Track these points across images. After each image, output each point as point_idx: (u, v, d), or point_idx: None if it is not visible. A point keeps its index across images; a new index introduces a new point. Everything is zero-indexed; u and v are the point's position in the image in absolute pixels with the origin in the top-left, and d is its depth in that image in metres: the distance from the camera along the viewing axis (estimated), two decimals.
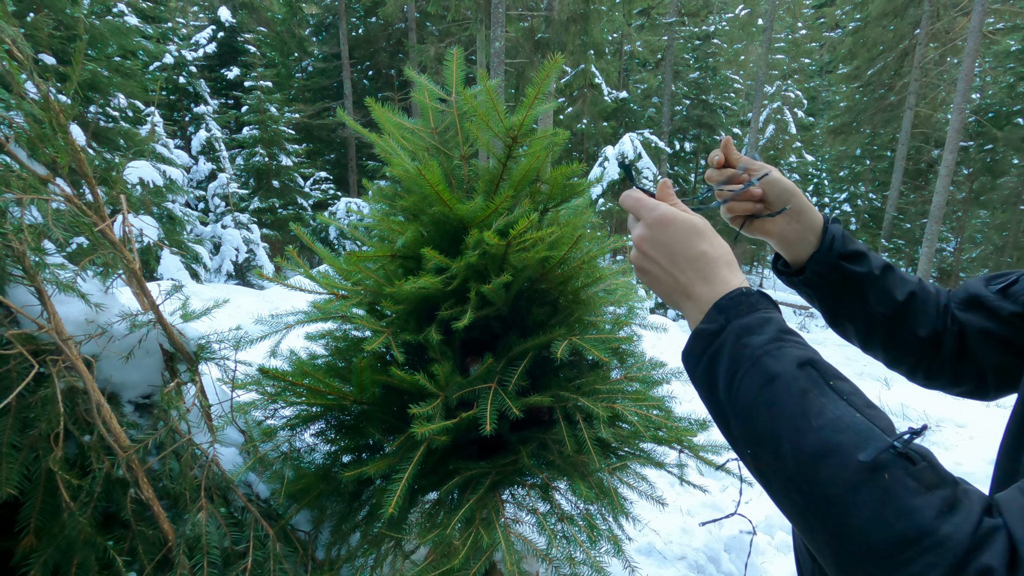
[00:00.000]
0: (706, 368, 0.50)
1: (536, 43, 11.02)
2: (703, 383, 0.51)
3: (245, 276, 9.88)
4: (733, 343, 0.48)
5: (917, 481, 0.38)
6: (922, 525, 0.36)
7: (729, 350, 0.48)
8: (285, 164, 11.88)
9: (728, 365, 0.48)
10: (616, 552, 1.22)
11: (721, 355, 0.49)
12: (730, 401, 0.47)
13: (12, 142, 1.10)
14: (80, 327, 1.19)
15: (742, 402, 0.46)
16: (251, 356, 1.40)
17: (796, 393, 0.43)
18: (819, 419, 0.41)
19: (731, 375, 0.47)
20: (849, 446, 0.39)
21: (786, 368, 0.45)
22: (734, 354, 0.48)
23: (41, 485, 1.05)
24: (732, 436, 0.49)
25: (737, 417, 0.47)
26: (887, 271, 0.74)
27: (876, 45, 15.65)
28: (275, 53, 16.37)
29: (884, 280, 0.73)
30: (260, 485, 1.39)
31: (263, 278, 1.31)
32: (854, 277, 0.73)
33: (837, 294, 0.75)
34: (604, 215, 11.09)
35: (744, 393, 0.46)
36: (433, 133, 1.44)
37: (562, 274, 1.31)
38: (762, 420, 0.44)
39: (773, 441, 0.43)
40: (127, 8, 7.82)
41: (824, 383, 0.44)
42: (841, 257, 0.72)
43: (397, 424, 1.28)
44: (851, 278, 0.73)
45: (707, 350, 0.50)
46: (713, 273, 0.54)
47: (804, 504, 0.41)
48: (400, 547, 1.33)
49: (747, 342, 0.47)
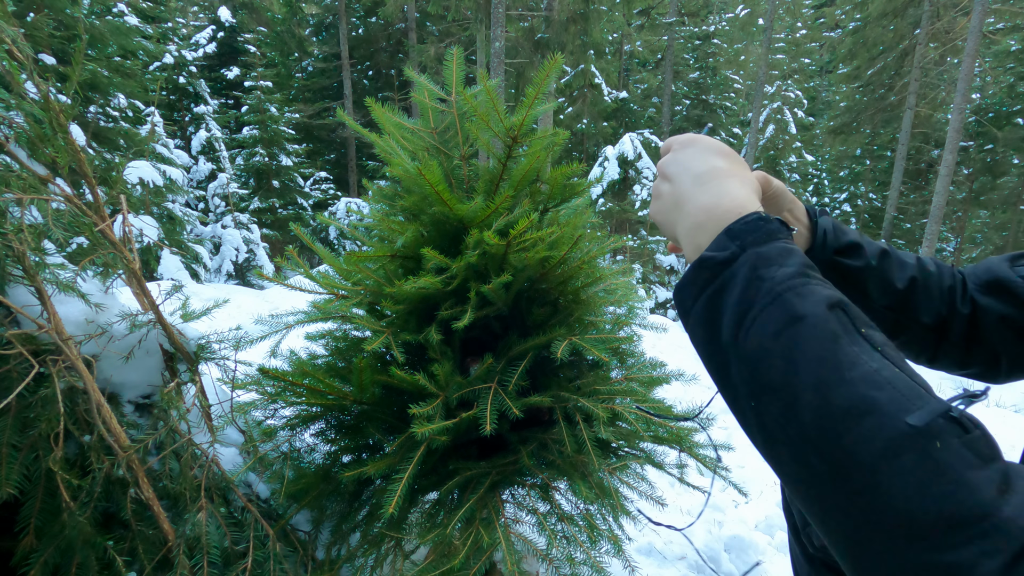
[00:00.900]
0: (708, 303, 0.43)
1: (536, 43, 11.02)
2: (701, 321, 0.44)
3: (245, 276, 9.88)
4: (748, 275, 0.40)
5: (973, 452, 0.32)
6: (981, 504, 0.30)
7: (742, 282, 0.40)
8: (285, 164, 11.88)
9: (739, 300, 0.40)
10: (616, 552, 1.22)
11: (730, 288, 0.41)
12: (736, 343, 0.40)
13: (12, 142, 1.10)
14: (80, 327, 1.19)
15: (753, 345, 0.39)
16: (251, 356, 1.40)
17: (825, 338, 0.37)
18: (853, 371, 0.35)
19: (742, 312, 0.40)
20: (890, 405, 0.33)
21: (814, 308, 0.38)
22: (748, 288, 0.40)
23: (41, 485, 1.05)
24: (730, 385, 0.42)
25: (743, 362, 0.40)
26: (884, 258, 0.68)
27: (876, 45, 15.65)
28: (275, 53, 16.37)
29: (882, 269, 0.68)
30: (260, 485, 1.39)
31: (263, 278, 1.31)
32: (852, 272, 0.67)
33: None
34: (604, 215, 11.09)
35: (758, 334, 0.39)
36: (433, 133, 1.44)
37: (562, 274, 1.31)
38: (778, 367, 0.37)
39: (789, 392, 0.37)
40: (127, 8, 7.82)
41: (856, 330, 0.38)
42: (837, 252, 0.67)
43: (397, 424, 1.28)
44: (849, 274, 0.67)
45: (712, 282, 0.42)
46: (721, 188, 0.47)
47: (822, 468, 0.35)
48: (400, 547, 1.33)
49: (766, 274, 0.40)
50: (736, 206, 0.45)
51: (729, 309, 0.41)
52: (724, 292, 0.42)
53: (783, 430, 0.37)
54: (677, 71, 18.38)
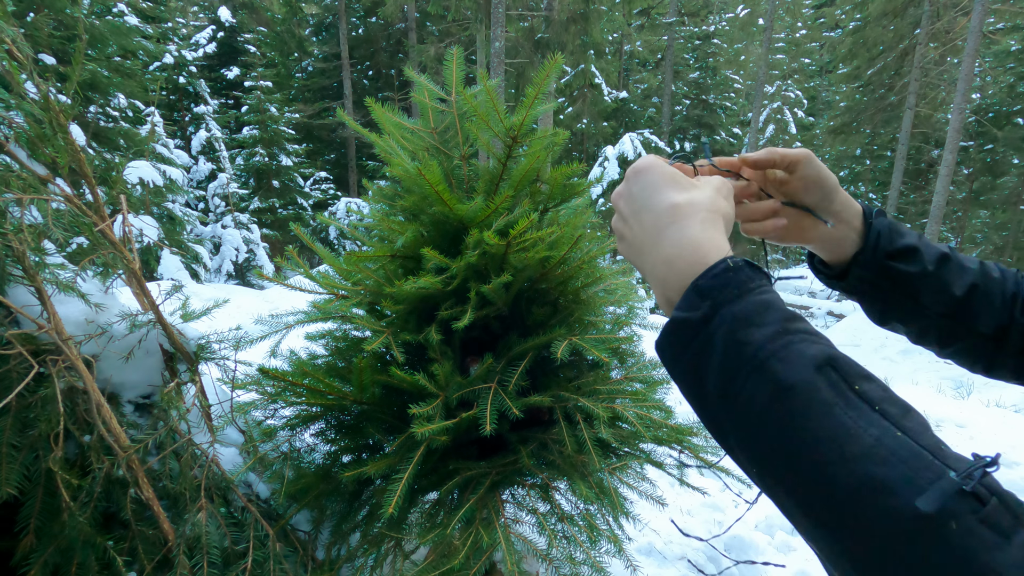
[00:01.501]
0: (690, 365, 0.40)
1: (536, 43, 11.02)
2: (685, 382, 0.41)
3: (245, 276, 9.88)
4: (726, 339, 0.38)
5: (992, 529, 0.29)
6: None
7: (721, 348, 0.38)
8: (285, 164, 11.89)
9: (722, 366, 0.38)
10: (616, 552, 1.22)
11: (710, 352, 0.39)
12: (727, 410, 0.38)
13: (12, 142, 1.10)
14: (80, 327, 1.19)
15: (744, 415, 0.37)
16: (251, 356, 1.40)
17: (818, 410, 0.34)
18: (853, 446, 0.32)
19: (727, 379, 0.38)
20: (898, 483, 0.31)
21: (801, 375, 0.35)
22: (729, 353, 0.38)
23: (41, 485, 1.05)
24: (728, 446, 0.40)
25: (738, 431, 0.38)
26: (943, 263, 0.62)
27: (876, 45, 15.65)
28: (275, 53, 16.38)
29: (940, 275, 0.62)
30: (260, 485, 1.39)
31: (263, 278, 1.31)
32: (905, 278, 0.61)
33: (887, 297, 0.64)
34: (604, 215, 11.09)
35: (747, 404, 0.37)
36: (433, 133, 1.44)
37: (562, 274, 1.31)
38: (772, 442, 0.35)
39: (789, 465, 0.35)
40: (127, 8, 7.82)
41: (848, 389, 0.35)
42: (889, 256, 0.61)
43: (397, 424, 1.28)
44: (901, 279, 0.61)
45: (690, 344, 0.40)
46: (682, 234, 0.43)
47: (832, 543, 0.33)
48: (400, 547, 1.33)
49: (745, 338, 0.37)
50: (700, 256, 0.42)
51: (713, 374, 0.39)
52: (704, 356, 0.39)
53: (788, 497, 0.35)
54: (677, 71, 18.38)
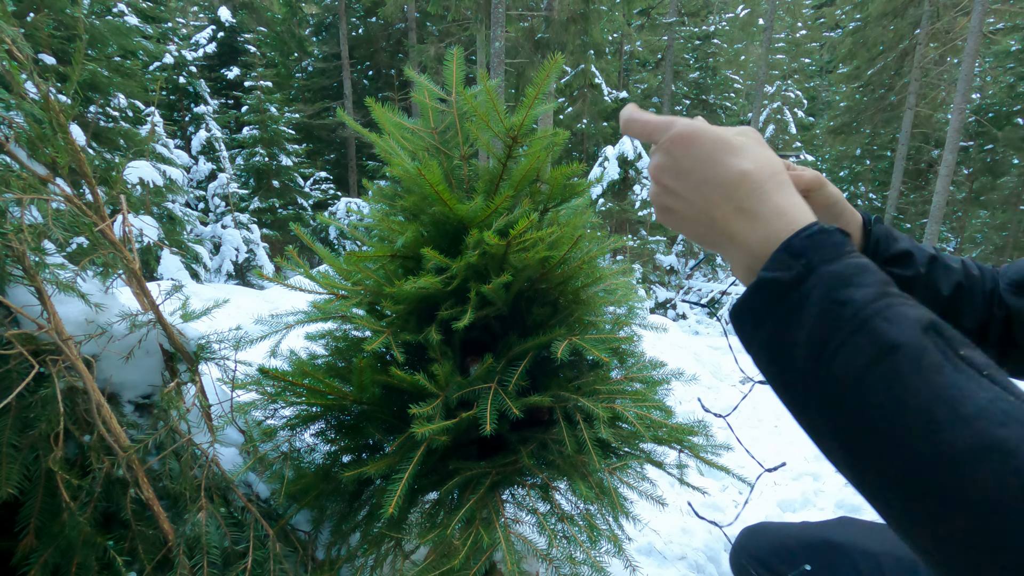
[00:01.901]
0: (775, 331, 0.38)
1: (536, 43, 11.02)
2: (768, 349, 0.39)
3: (245, 276, 9.88)
4: (822, 298, 0.36)
5: None
6: None
7: (817, 308, 0.36)
8: (285, 164, 11.89)
9: (815, 328, 0.36)
10: (616, 552, 1.22)
11: (802, 313, 0.36)
12: (816, 376, 0.36)
13: (12, 142, 1.10)
14: (80, 327, 1.19)
15: (840, 378, 0.34)
16: (251, 356, 1.40)
17: (928, 369, 0.32)
18: (967, 406, 0.31)
19: (820, 342, 0.35)
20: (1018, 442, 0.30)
21: (909, 335, 0.33)
22: (825, 314, 0.35)
23: (41, 485, 1.05)
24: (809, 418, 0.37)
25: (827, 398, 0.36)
26: (932, 264, 0.65)
27: (876, 45, 15.65)
28: (275, 53, 16.37)
29: (930, 276, 0.65)
30: (260, 485, 1.39)
31: (263, 278, 1.31)
32: (901, 281, 0.62)
33: None
34: (604, 215, 11.09)
35: (844, 366, 0.34)
36: (433, 133, 1.44)
37: (562, 274, 1.31)
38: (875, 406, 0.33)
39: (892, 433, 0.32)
40: (127, 8, 7.82)
41: (954, 353, 0.33)
42: (887, 262, 0.64)
43: (397, 424, 1.28)
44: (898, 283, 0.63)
45: (777, 306, 0.38)
46: (761, 202, 0.41)
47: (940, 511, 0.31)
48: (400, 547, 1.33)
49: (844, 297, 0.35)
50: (787, 222, 0.40)
51: (803, 338, 0.37)
52: (794, 318, 0.37)
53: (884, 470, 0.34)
54: (677, 71, 18.38)
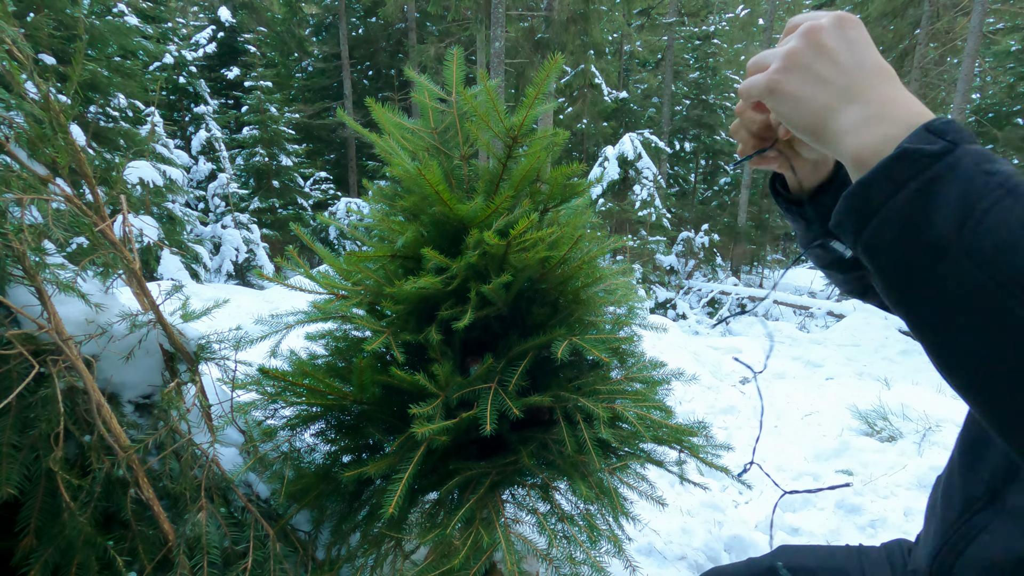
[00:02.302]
0: (916, 195, 0.38)
1: (536, 43, 11.02)
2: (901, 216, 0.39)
3: (245, 276, 9.88)
4: (972, 167, 0.37)
5: None
6: None
7: (965, 175, 0.37)
8: (285, 164, 11.88)
9: (964, 192, 0.37)
10: (616, 552, 1.22)
11: (947, 181, 0.37)
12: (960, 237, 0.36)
13: (12, 142, 1.10)
14: (80, 327, 1.19)
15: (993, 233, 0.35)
16: (251, 356, 1.40)
17: None
18: None
19: (969, 204, 0.36)
20: None
21: None
22: (974, 180, 0.37)
23: (41, 485, 1.05)
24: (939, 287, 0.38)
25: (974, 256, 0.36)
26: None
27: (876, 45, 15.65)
28: (275, 53, 16.37)
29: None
30: (260, 485, 1.39)
31: (263, 278, 1.31)
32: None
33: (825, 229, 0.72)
34: (604, 215, 11.09)
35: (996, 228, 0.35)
36: (433, 133, 1.44)
37: (562, 274, 1.31)
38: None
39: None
40: (127, 8, 7.82)
41: None
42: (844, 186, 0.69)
43: (397, 424, 1.28)
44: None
45: (922, 173, 0.38)
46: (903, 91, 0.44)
47: None
48: (400, 547, 1.33)
49: (992, 168, 0.37)
50: (920, 110, 0.42)
51: (951, 201, 0.37)
52: (937, 185, 0.38)
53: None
54: (677, 71, 18.38)
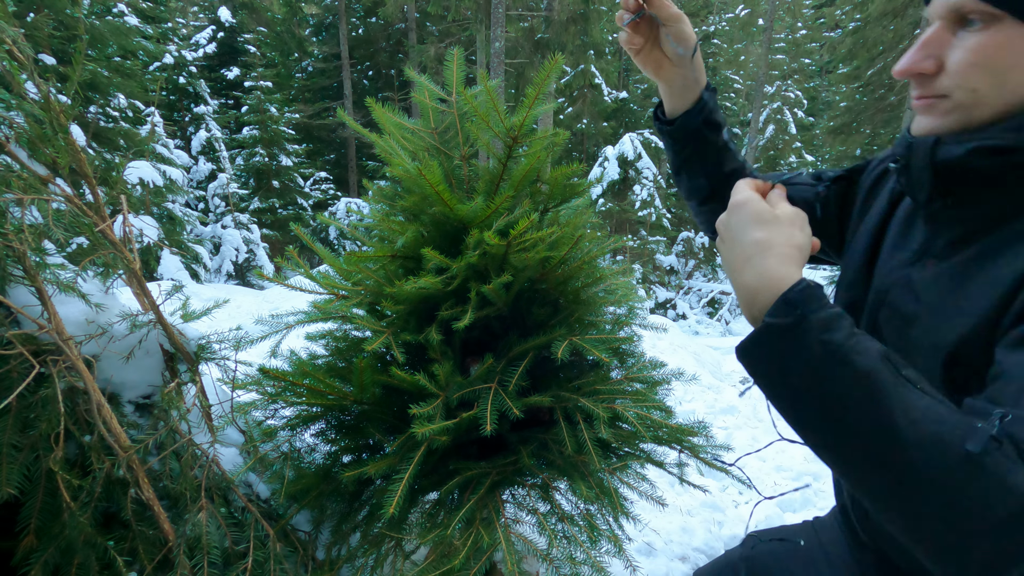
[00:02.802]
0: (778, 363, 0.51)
1: (536, 43, 11.02)
2: (771, 378, 0.52)
3: (245, 276, 9.88)
4: (815, 339, 0.48)
5: (1008, 458, 0.42)
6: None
7: (811, 347, 0.48)
8: (285, 164, 11.89)
9: (809, 362, 0.48)
10: (616, 552, 1.22)
11: (800, 351, 0.49)
12: (811, 397, 0.48)
13: (12, 142, 1.10)
14: (80, 327, 1.19)
15: (830, 398, 0.47)
16: (251, 356, 1.40)
17: (889, 390, 0.45)
18: (915, 412, 0.44)
19: (814, 372, 0.48)
20: (950, 436, 0.43)
21: (874, 364, 0.46)
22: (816, 351, 0.48)
23: (41, 485, 1.05)
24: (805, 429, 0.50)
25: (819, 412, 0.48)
26: (727, 146, 0.88)
27: (876, 45, 15.63)
28: (275, 53, 16.37)
29: (723, 151, 0.87)
30: (260, 485, 1.39)
31: (263, 278, 1.31)
32: (706, 142, 0.86)
33: (689, 152, 0.88)
34: (604, 215, 11.09)
35: (833, 390, 0.47)
36: (433, 133, 1.44)
37: (562, 274, 1.31)
38: (855, 415, 0.46)
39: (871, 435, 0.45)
40: (127, 8, 7.81)
41: (899, 374, 0.47)
42: (705, 124, 0.84)
43: (397, 424, 1.28)
44: (703, 141, 0.86)
45: (779, 344, 0.51)
46: (763, 266, 0.56)
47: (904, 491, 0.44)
48: (400, 547, 1.33)
49: (830, 339, 0.48)
50: (776, 286, 0.53)
51: (801, 368, 0.49)
52: (794, 354, 0.50)
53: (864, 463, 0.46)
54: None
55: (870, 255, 0.76)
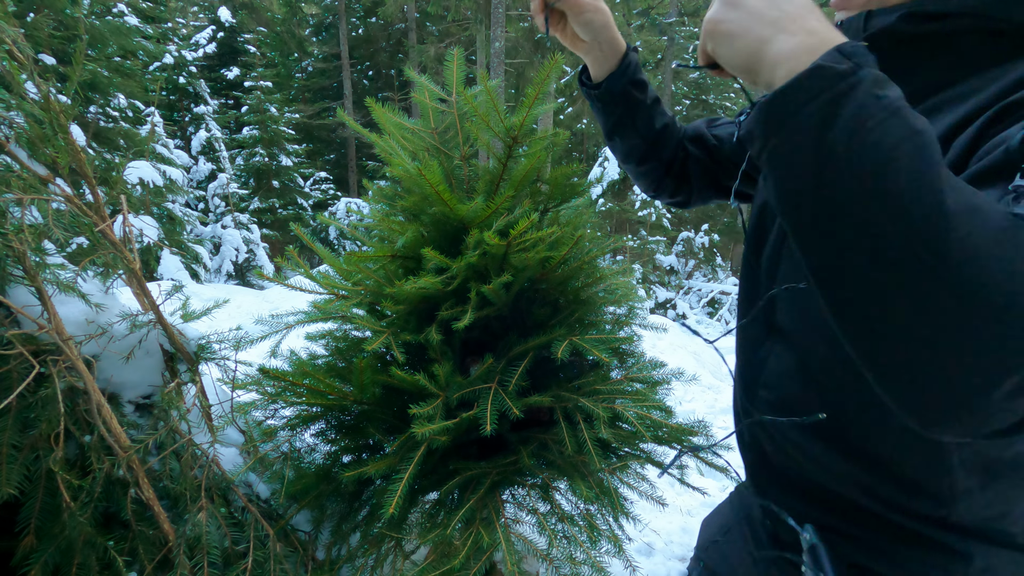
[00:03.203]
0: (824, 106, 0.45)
1: (536, 43, 11.02)
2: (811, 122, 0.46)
3: (245, 276, 9.88)
4: (868, 88, 0.44)
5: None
6: None
7: (863, 94, 0.44)
8: (285, 164, 11.88)
9: (859, 108, 0.43)
10: (617, 552, 1.22)
11: (850, 97, 0.44)
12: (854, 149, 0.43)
13: (12, 142, 1.10)
14: (80, 327, 1.19)
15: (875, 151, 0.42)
16: (251, 356, 1.40)
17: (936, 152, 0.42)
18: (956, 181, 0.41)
19: (862, 118, 0.43)
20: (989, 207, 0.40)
21: (925, 126, 0.43)
22: (867, 100, 0.43)
23: (41, 485, 1.05)
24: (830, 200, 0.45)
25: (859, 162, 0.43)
26: (655, 103, 0.91)
27: None
28: (275, 53, 16.37)
29: (652, 109, 0.91)
30: (260, 485, 1.39)
31: (263, 278, 1.31)
32: (634, 102, 0.89)
33: (618, 113, 0.91)
34: (604, 215, 11.09)
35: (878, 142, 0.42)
36: (433, 133, 1.44)
37: (562, 274, 1.31)
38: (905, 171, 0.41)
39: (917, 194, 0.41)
40: (127, 8, 7.81)
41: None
42: (631, 84, 0.87)
43: (397, 424, 1.28)
44: (632, 102, 0.89)
45: (829, 89, 0.45)
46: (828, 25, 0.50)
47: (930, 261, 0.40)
48: (400, 547, 1.33)
49: (883, 92, 0.44)
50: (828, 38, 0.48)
51: (848, 114, 0.44)
52: (843, 99, 0.44)
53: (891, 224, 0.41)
54: (677, 71, 18.37)
55: None
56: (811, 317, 0.65)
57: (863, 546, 0.67)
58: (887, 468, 0.62)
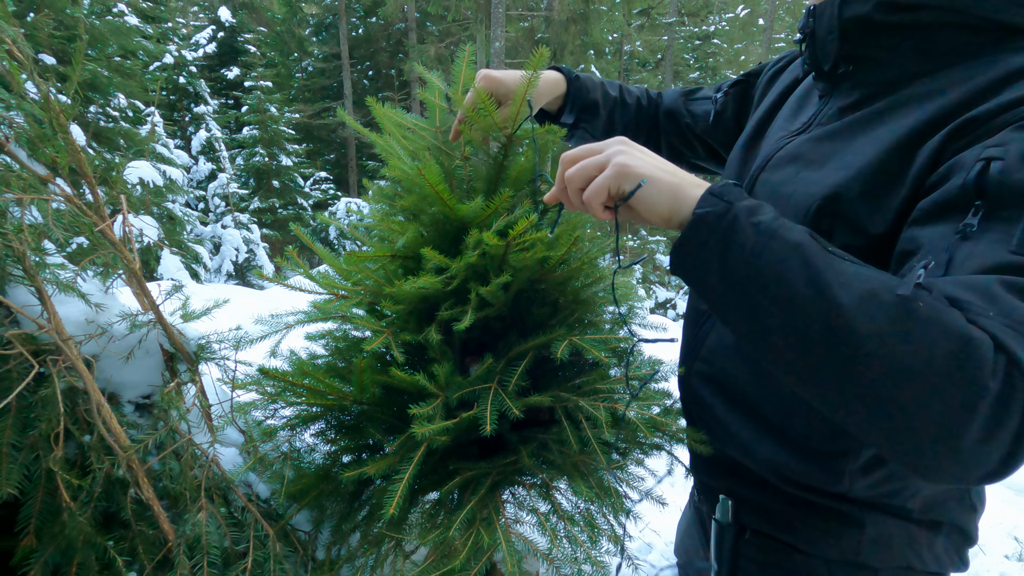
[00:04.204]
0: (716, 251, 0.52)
1: (536, 43, 11.02)
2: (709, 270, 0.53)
3: (245, 276, 9.89)
4: (745, 220, 0.50)
5: (939, 301, 0.44)
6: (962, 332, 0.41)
7: (743, 229, 0.50)
8: (285, 164, 11.89)
9: (744, 244, 0.50)
10: (618, 552, 1.21)
11: (733, 234, 0.50)
12: (750, 279, 0.50)
13: (12, 142, 1.10)
14: (80, 327, 1.19)
15: (768, 273, 0.48)
16: (251, 356, 1.39)
17: (821, 257, 0.47)
18: (845, 276, 0.46)
19: (751, 251, 0.50)
20: (881, 289, 0.45)
21: (803, 237, 0.49)
22: (749, 232, 0.50)
23: (41, 485, 1.05)
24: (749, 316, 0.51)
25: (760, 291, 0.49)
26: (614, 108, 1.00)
27: None
28: (275, 53, 16.37)
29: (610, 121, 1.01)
30: (260, 485, 1.39)
31: (263, 278, 1.31)
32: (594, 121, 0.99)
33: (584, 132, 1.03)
34: None
35: (771, 263, 0.48)
36: (437, 132, 1.43)
37: (562, 274, 1.31)
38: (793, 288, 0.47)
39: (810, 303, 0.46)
40: (127, 8, 7.81)
41: (825, 248, 0.49)
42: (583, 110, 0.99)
43: (397, 424, 1.28)
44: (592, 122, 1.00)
45: (716, 229, 0.52)
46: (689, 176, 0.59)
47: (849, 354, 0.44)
48: (400, 547, 1.33)
49: (757, 220, 0.50)
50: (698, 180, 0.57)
51: (737, 251, 0.50)
52: (730, 236, 0.51)
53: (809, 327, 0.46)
54: (677, 71, 18.37)
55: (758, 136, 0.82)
56: None
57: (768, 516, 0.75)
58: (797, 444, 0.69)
